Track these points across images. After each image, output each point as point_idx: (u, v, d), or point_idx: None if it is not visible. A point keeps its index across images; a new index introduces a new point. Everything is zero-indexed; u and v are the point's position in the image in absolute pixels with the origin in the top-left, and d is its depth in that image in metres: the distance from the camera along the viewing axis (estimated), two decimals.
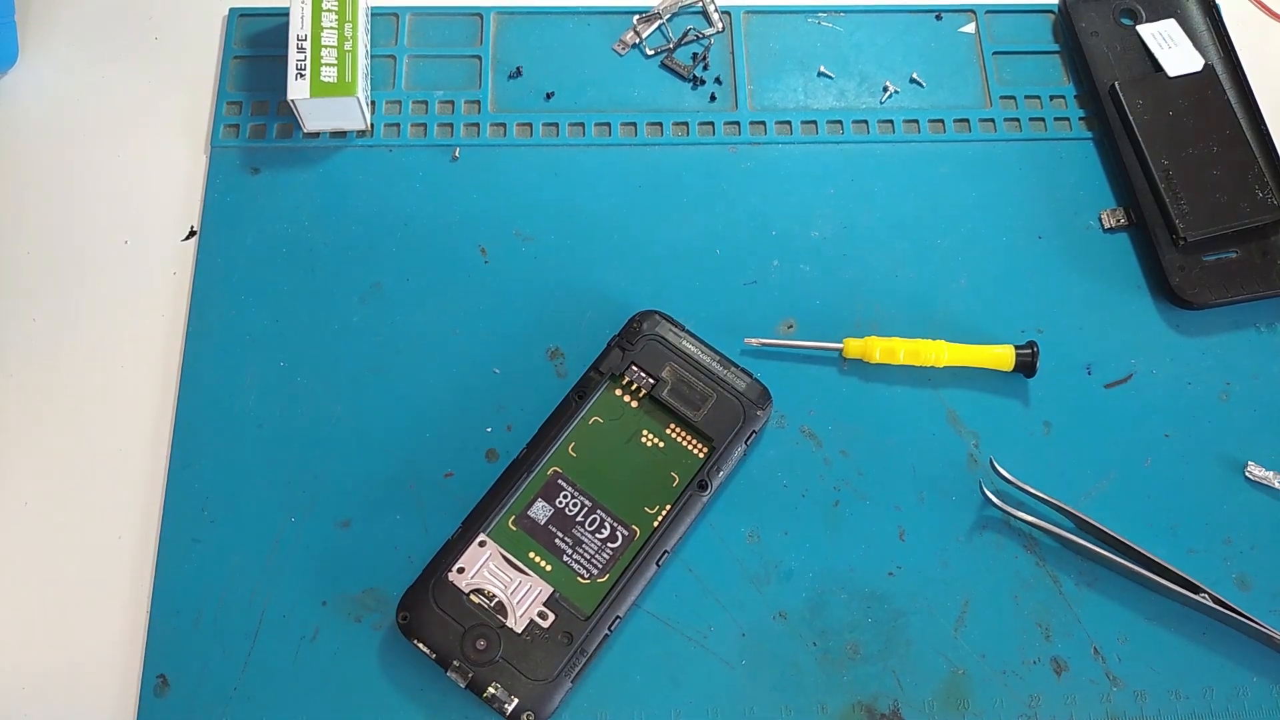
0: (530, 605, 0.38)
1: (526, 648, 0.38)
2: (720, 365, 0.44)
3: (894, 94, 0.57)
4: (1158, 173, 0.53)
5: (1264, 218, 0.52)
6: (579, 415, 0.42)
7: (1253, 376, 0.50)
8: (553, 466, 0.41)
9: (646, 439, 0.42)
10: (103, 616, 0.44)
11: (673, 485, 0.41)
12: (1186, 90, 0.55)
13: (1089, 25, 0.57)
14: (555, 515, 0.40)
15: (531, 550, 0.40)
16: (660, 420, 0.43)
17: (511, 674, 0.38)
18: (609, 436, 0.42)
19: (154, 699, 0.43)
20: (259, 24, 0.58)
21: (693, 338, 0.45)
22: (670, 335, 0.44)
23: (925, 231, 0.53)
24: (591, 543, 0.39)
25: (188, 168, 0.54)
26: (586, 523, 0.40)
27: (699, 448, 0.43)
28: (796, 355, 0.50)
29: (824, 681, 0.43)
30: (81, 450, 0.48)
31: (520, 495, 0.40)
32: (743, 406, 0.43)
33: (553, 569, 0.39)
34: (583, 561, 0.39)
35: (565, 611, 0.39)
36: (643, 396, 0.43)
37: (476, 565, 0.39)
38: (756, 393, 0.45)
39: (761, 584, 0.45)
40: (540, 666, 0.38)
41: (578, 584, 0.39)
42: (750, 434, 0.44)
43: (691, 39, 0.58)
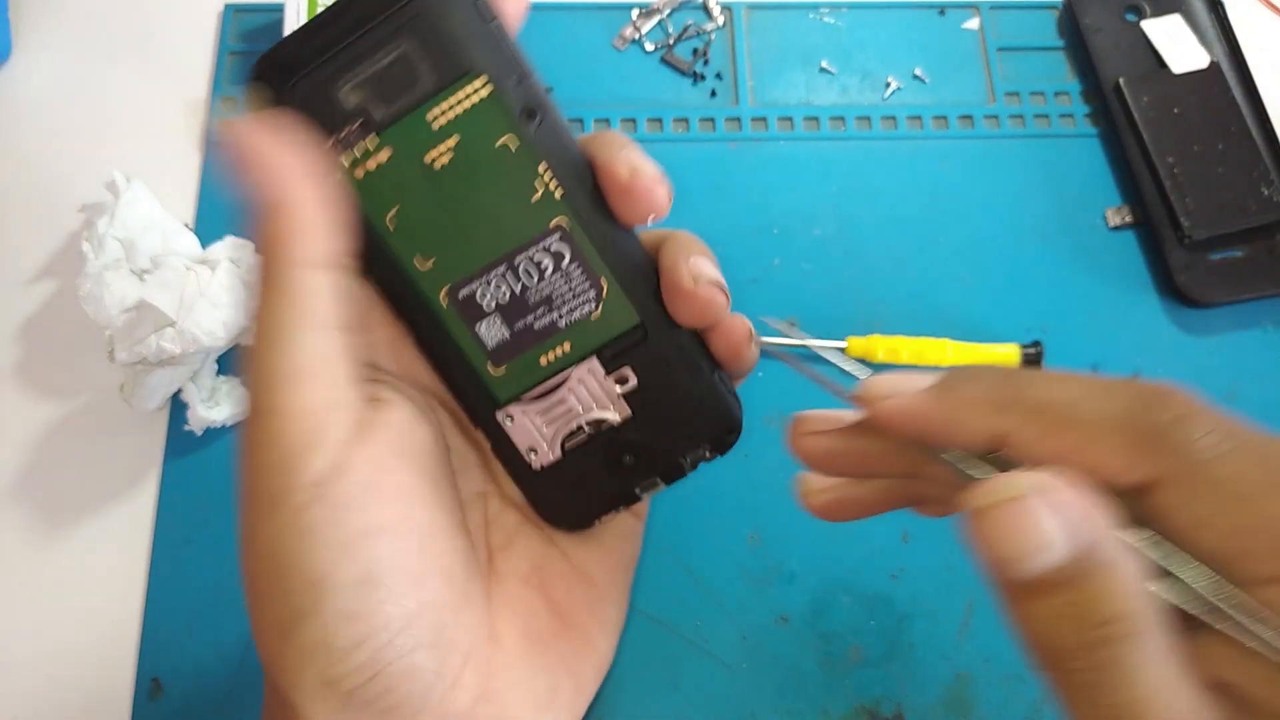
0: (602, 387, 0.28)
1: (651, 407, 0.28)
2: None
3: (897, 90, 0.56)
4: (1163, 170, 0.52)
5: (1270, 216, 0.51)
6: (368, 220, 0.26)
7: (1259, 376, 0.50)
8: (436, 290, 0.27)
9: (434, 158, 0.25)
10: (95, 619, 0.44)
11: (498, 144, 0.25)
12: (1192, 87, 0.54)
13: (1094, 21, 0.57)
14: (502, 314, 0.27)
15: (540, 358, 0.28)
16: (403, 123, 0.25)
17: (671, 433, 0.28)
18: (415, 207, 0.26)
19: (147, 703, 0.42)
20: (254, 20, 0.57)
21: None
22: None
23: (929, 229, 0.53)
24: (555, 286, 0.27)
25: (183, 164, 0.53)
26: (526, 283, 0.27)
27: (466, 92, 0.25)
28: (798, 355, 0.49)
29: (826, 685, 0.43)
30: (73, 451, 0.47)
31: (463, 346, 0.27)
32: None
33: (571, 344, 0.28)
34: (574, 304, 0.27)
35: (629, 347, 0.28)
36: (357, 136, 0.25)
37: (536, 432, 0.28)
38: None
39: (763, 586, 0.45)
40: (678, 402, 0.28)
41: (600, 321, 0.27)
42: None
43: (692, 34, 0.57)
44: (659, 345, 0.27)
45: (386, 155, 0.25)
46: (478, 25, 0.24)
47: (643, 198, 0.25)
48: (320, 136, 0.24)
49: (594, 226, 0.26)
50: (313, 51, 0.24)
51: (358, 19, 0.24)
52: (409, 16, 0.24)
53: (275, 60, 0.24)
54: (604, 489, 0.29)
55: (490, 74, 0.24)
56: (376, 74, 0.24)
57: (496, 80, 0.24)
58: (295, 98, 0.24)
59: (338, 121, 0.24)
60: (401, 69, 0.24)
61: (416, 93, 0.24)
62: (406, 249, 0.26)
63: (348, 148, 0.25)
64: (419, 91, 0.24)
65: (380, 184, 0.25)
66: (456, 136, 0.25)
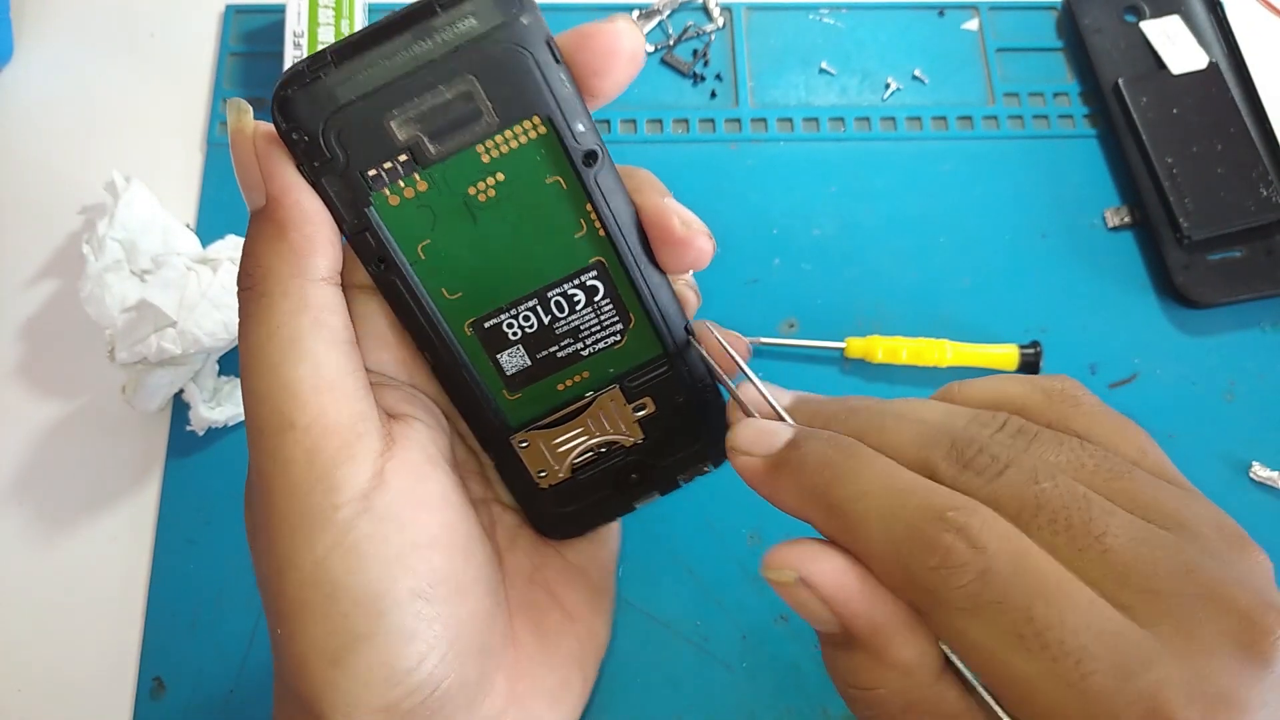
0: (620, 413, 0.28)
1: (662, 430, 0.29)
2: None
3: (896, 91, 0.57)
4: (1162, 171, 0.52)
5: (1269, 216, 0.51)
6: (396, 250, 0.25)
7: (1258, 376, 0.50)
8: (460, 321, 0.26)
9: (479, 192, 0.24)
10: (97, 619, 0.44)
11: (548, 181, 0.24)
12: (1191, 88, 0.54)
13: (1093, 22, 0.57)
14: (525, 344, 0.27)
15: (558, 384, 0.28)
16: (450, 162, 0.24)
17: (679, 452, 0.29)
18: (448, 239, 0.25)
19: (150, 702, 0.42)
20: (255, 20, 0.57)
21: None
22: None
23: (928, 230, 0.53)
24: (584, 318, 0.27)
25: (184, 165, 0.54)
26: (556, 314, 0.27)
27: (515, 133, 0.24)
28: (798, 355, 0.49)
29: (826, 685, 0.43)
30: (75, 451, 0.47)
31: (480, 373, 0.27)
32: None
33: (590, 372, 0.28)
34: (600, 335, 0.27)
35: (647, 376, 0.28)
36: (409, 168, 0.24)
37: (547, 455, 0.29)
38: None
39: (763, 586, 0.45)
40: (687, 425, 0.29)
41: (623, 351, 0.28)
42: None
43: (692, 35, 0.58)
44: (680, 371, 0.28)
45: (425, 186, 0.24)
46: (551, 67, 0.23)
47: (691, 251, 0.25)
48: (358, 167, 0.23)
49: (633, 267, 0.26)
50: (364, 78, 0.22)
51: (422, 47, 0.22)
52: (487, 48, 0.22)
53: (312, 86, 0.22)
54: (605, 503, 0.30)
55: (554, 118, 0.23)
56: (434, 109, 0.23)
57: (560, 124, 0.23)
58: (337, 127, 0.23)
59: (382, 154, 0.23)
60: (463, 105, 0.23)
61: (474, 131, 0.23)
62: (434, 280, 0.25)
63: (393, 180, 0.23)
64: (477, 130, 0.23)
65: (415, 214, 0.24)
66: (504, 173, 0.24)
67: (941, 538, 0.18)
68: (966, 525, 0.18)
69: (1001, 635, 0.18)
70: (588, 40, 0.23)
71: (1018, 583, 0.18)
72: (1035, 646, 0.17)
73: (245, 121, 0.23)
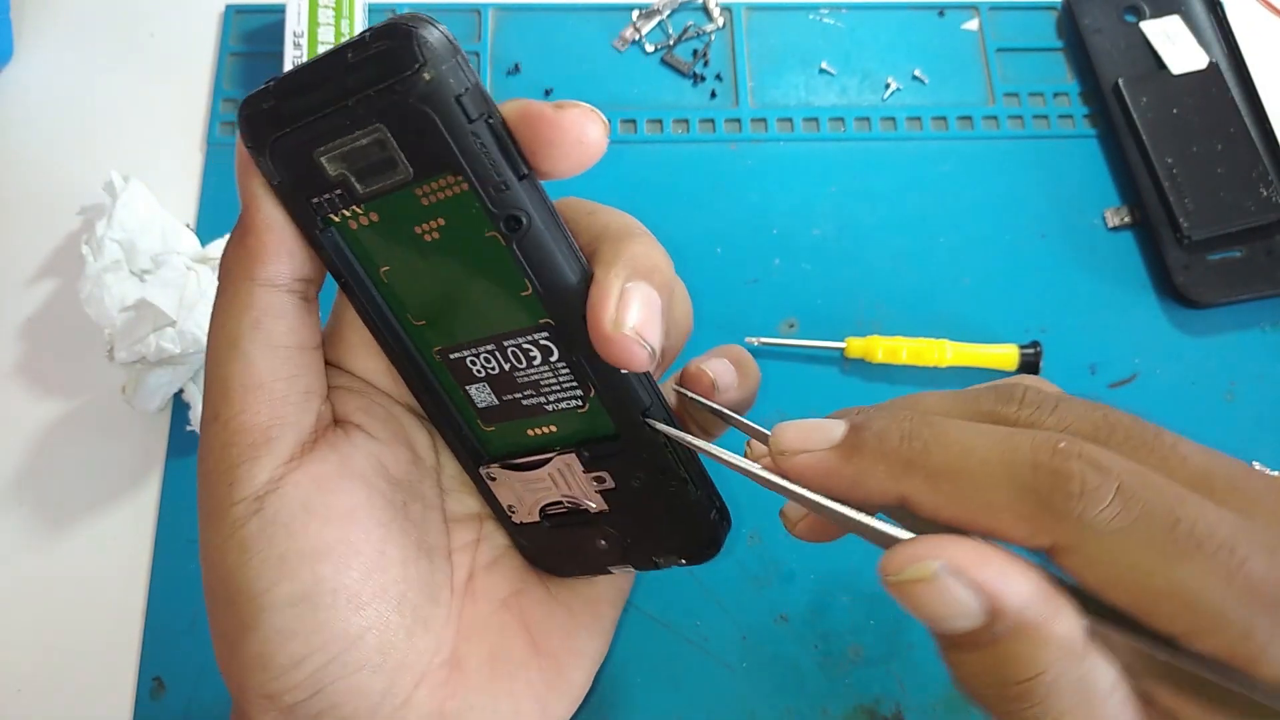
0: (581, 480, 0.27)
1: (625, 508, 0.27)
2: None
3: (896, 91, 0.57)
4: (1162, 171, 0.52)
5: (1269, 216, 0.51)
6: (359, 271, 0.25)
7: (1258, 376, 0.50)
8: (429, 347, 0.26)
9: (423, 232, 0.23)
10: (97, 619, 0.44)
11: (487, 235, 0.23)
12: (1191, 88, 0.54)
13: (1093, 22, 0.57)
14: (490, 384, 0.26)
15: (528, 430, 0.27)
16: (384, 202, 0.23)
17: (646, 537, 0.28)
18: (404, 270, 0.25)
19: (150, 701, 0.42)
20: (255, 20, 0.57)
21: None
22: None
23: (928, 230, 0.53)
24: (543, 375, 0.25)
25: (184, 165, 0.53)
26: (515, 364, 0.25)
27: (445, 183, 0.23)
28: (798, 355, 0.49)
29: (826, 685, 0.43)
30: (76, 451, 0.47)
31: (455, 399, 0.26)
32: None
33: (556, 428, 0.26)
34: (561, 395, 0.26)
35: (604, 451, 0.26)
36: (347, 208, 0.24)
37: (515, 495, 0.28)
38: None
39: (762, 585, 0.45)
40: (652, 512, 0.27)
41: (585, 417, 0.26)
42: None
43: (692, 35, 0.58)
44: (636, 457, 0.26)
45: (376, 218, 0.24)
46: (459, 127, 0.21)
47: (619, 352, 0.22)
48: (302, 194, 0.23)
49: (578, 340, 0.23)
50: (296, 110, 0.22)
51: (337, 90, 0.22)
52: (389, 100, 0.21)
53: (260, 108, 0.23)
54: (577, 556, 0.29)
55: (468, 178, 0.22)
56: (353, 151, 0.22)
57: (474, 186, 0.22)
58: (278, 152, 0.23)
59: (320, 185, 0.23)
60: (378, 152, 0.22)
61: (393, 179, 0.22)
62: (399, 305, 0.25)
63: (335, 209, 0.23)
64: (395, 178, 0.22)
65: (373, 241, 0.24)
66: (444, 219, 0.23)
67: (1070, 465, 0.18)
68: (1083, 450, 0.18)
69: (1156, 546, 0.17)
70: (535, 125, 0.21)
71: (1151, 492, 0.18)
72: (1190, 546, 0.17)
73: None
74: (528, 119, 0.21)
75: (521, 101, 0.22)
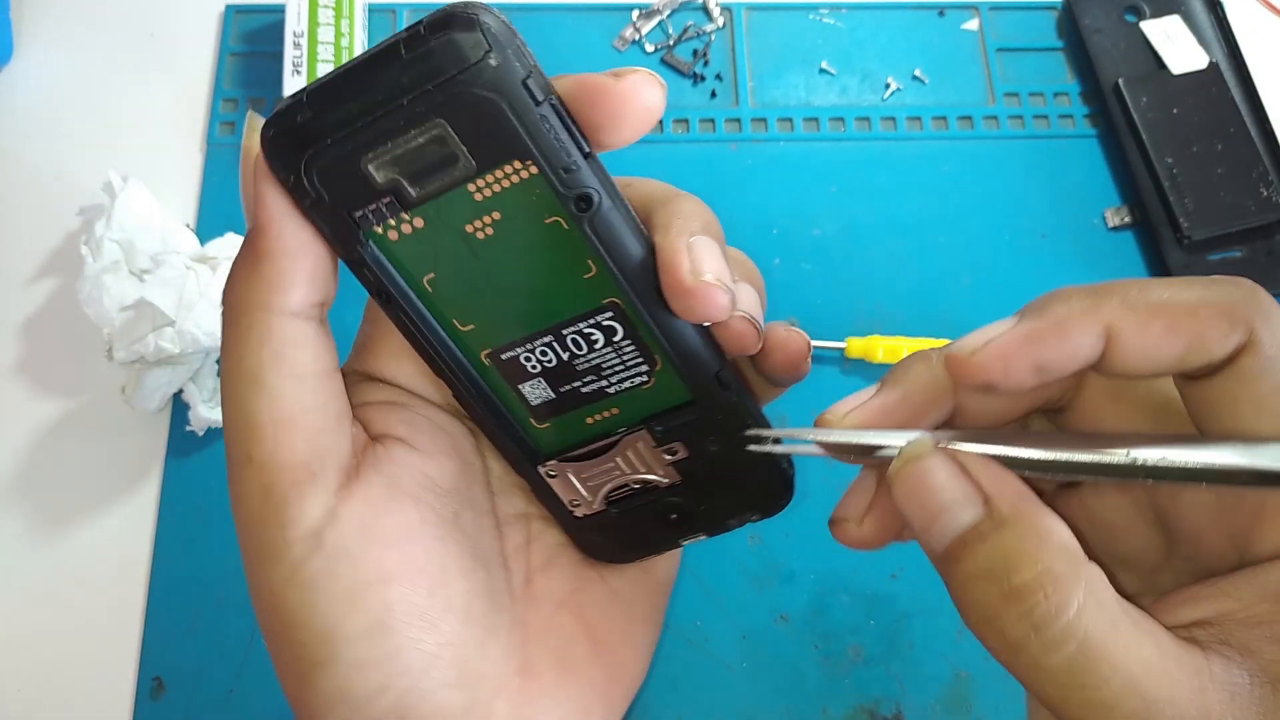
0: (652, 455, 0.27)
1: (699, 475, 0.27)
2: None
3: (896, 91, 0.57)
4: (1162, 171, 0.52)
5: (1269, 216, 0.51)
6: (400, 284, 0.24)
7: None
8: (476, 351, 0.25)
9: (476, 230, 0.23)
10: (97, 618, 0.44)
11: (548, 221, 0.23)
12: (1191, 88, 0.54)
13: (1093, 22, 0.57)
14: (546, 378, 0.26)
15: (587, 418, 0.27)
16: (443, 196, 0.23)
17: (720, 499, 0.28)
18: (453, 273, 0.24)
19: (149, 701, 0.42)
20: (255, 20, 0.57)
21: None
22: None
23: (928, 230, 0.53)
24: (605, 357, 0.25)
25: (184, 165, 0.53)
26: (574, 352, 0.25)
27: (511, 170, 0.22)
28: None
29: (826, 684, 0.43)
30: (75, 451, 0.47)
31: (505, 401, 0.26)
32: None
33: (619, 409, 0.26)
34: (625, 374, 0.26)
35: (677, 421, 0.26)
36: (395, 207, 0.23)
37: (580, 486, 0.28)
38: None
39: (763, 585, 0.45)
40: (727, 473, 0.27)
41: (651, 392, 0.26)
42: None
43: (692, 35, 0.58)
44: (712, 420, 0.26)
45: (421, 223, 0.23)
46: (528, 110, 0.21)
47: (700, 304, 0.22)
48: (343, 207, 0.22)
49: (651, 308, 0.24)
50: (341, 118, 0.21)
51: (389, 90, 0.21)
52: (452, 93, 0.21)
53: (293, 124, 0.21)
54: (646, 537, 0.29)
55: (537, 162, 0.21)
56: (408, 153, 0.21)
57: (544, 170, 0.22)
58: (315, 168, 0.22)
59: (365, 196, 0.22)
60: (437, 150, 0.21)
61: (453, 175, 0.22)
62: (444, 312, 0.24)
63: (381, 219, 0.22)
64: (455, 174, 0.22)
65: (416, 249, 0.23)
66: (499, 212, 0.22)
67: (1256, 288, 0.19)
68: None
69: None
70: (595, 97, 0.21)
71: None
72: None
73: (254, 140, 0.22)
74: (589, 92, 0.21)
75: (575, 76, 0.21)
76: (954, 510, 0.19)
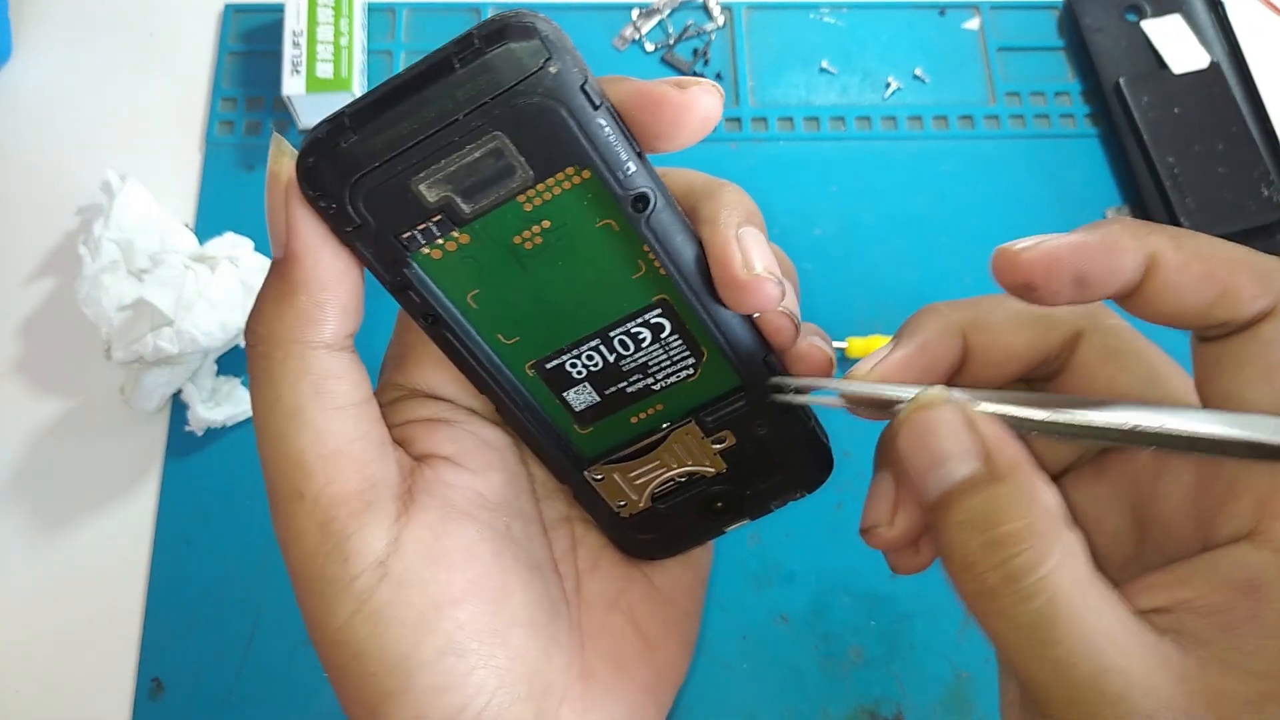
0: (698, 445, 0.27)
1: (745, 460, 0.27)
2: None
3: (897, 90, 0.56)
4: (1163, 171, 0.52)
5: (1270, 216, 0.51)
6: (444, 302, 0.24)
7: None
8: (520, 364, 0.25)
9: (524, 241, 0.23)
10: (96, 619, 0.44)
11: (599, 225, 0.23)
12: (1192, 87, 0.54)
13: (1094, 21, 0.57)
14: (591, 381, 0.26)
15: (631, 417, 0.27)
16: (494, 213, 0.23)
17: (766, 481, 0.28)
18: (498, 287, 0.24)
19: (148, 702, 0.42)
20: (254, 19, 0.57)
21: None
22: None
23: (929, 229, 0.53)
24: (652, 354, 0.26)
25: (183, 164, 0.53)
26: (621, 353, 0.25)
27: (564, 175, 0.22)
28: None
29: (826, 685, 0.43)
30: (74, 451, 0.47)
31: (547, 411, 0.26)
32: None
33: (664, 405, 0.27)
34: (671, 370, 0.26)
35: (724, 409, 0.26)
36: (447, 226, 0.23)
37: (625, 487, 0.28)
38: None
39: (763, 586, 0.45)
40: (772, 455, 0.27)
41: (697, 384, 0.26)
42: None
43: (692, 34, 0.57)
44: (758, 403, 0.26)
45: (467, 239, 0.22)
46: (586, 115, 0.21)
47: (752, 296, 0.23)
48: (390, 231, 0.22)
49: (699, 301, 0.24)
50: (391, 140, 0.21)
51: (443, 106, 0.20)
52: (511, 104, 0.20)
53: (336, 149, 0.21)
54: (691, 529, 0.29)
55: (595, 167, 0.21)
56: (463, 169, 0.21)
57: (603, 174, 0.22)
58: (361, 192, 0.21)
59: (414, 217, 0.22)
60: (493, 163, 0.21)
61: (509, 187, 0.22)
62: (488, 327, 0.24)
63: (429, 240, 0.22)
64: (512, 186, 0.22)
65: (460, 265, 0.23)
66: (549, 220, 0.22)
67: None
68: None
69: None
70: (652, 104, 0.22)
71: None
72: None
73: (283, 165, 0.21)
74: (651, 102, 0.21)
75: (634, 84, 0.22)
76: (953, 461, 0.20)
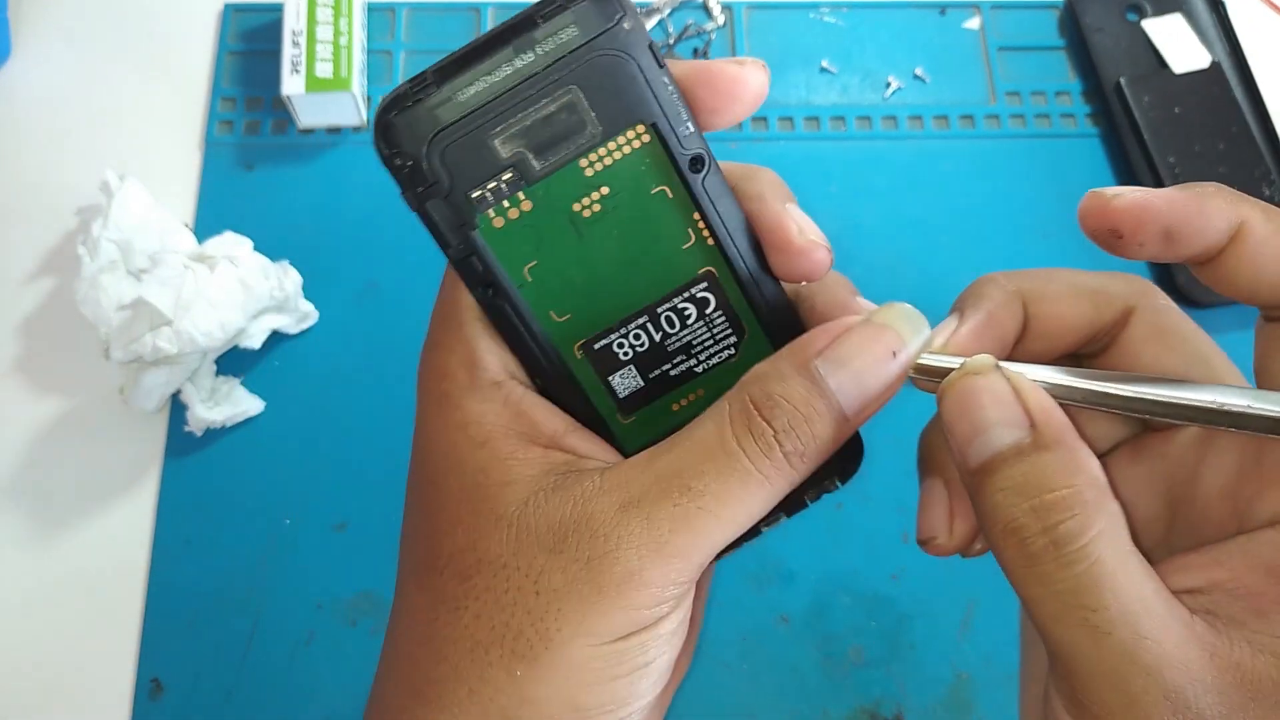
0: None
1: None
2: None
3: (897, 90, 0.56)
4: (1164, 170, 0.52)
5: None
6: (503, 274, 0.24)
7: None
8: (570, 344, 0.25)
9: (583, 208, 0.24)
10: (95, 619, 0.44)
11: (654, 191, 0.24)
12: (1193, 87, 0.54)
13: (1094, 21, 0.57)
14: (637, 364, 0.26)
15: (672, 404, 0.27)
16: (557, 175, 0.23)
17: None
18: (555, 259, 0.24)
19: (148, 703, 0.42)
20: (253, 19, 0.57)
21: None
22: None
23: (929, 229, 0.53)
24: (696, 333, 0.26)
25: (182, 164, 0.53)
26: (667, 330, 0.26)
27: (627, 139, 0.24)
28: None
29: (826, 686, 0.43)
30: (73, 451, 0.47)
31: (592, 399, 0.26)
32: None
33: (705, 390, 0.27)
34: (714, 349, 0.26)
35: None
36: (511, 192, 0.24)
37: None
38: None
39: (763, 586, 0.45)
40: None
41: (738, 365, 0.26)
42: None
43: (692, 34, 0.57)
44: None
45: (530, 205, 0.23)
46: (654, 71, 0.22)
47: (806, 262, 0.24)
48: (463, 189, 0.23)
49: (744, 274, 0.25)
50: (470, 98, 0.22)
51: (526, 60, 0.22)
52: (589, 57, 0.22)
53: (417, 104, 0.22)
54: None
55: (659, 124, 0.23)
56: (538, 123, 0.22)
57: (665, 130, 0.23)
58: (439, 148, 0.22)
59: (487, 173, 0.23)
60: (566, 118, 0.23)
61: (578, 144, 0.23)
62: (542, 302, 0.25)
63: (497, 201, 0.23)
64: (581, 143, 0.23)
65: (520, 235, 0.24)
66: (608, 186, 0.24)
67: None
68: None
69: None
70: (711, 79, 0.23)
71: None
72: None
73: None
74: (711, 76, 0.23)
75: (692, 61, 0.23)
76: (999, 429, 0.20)
